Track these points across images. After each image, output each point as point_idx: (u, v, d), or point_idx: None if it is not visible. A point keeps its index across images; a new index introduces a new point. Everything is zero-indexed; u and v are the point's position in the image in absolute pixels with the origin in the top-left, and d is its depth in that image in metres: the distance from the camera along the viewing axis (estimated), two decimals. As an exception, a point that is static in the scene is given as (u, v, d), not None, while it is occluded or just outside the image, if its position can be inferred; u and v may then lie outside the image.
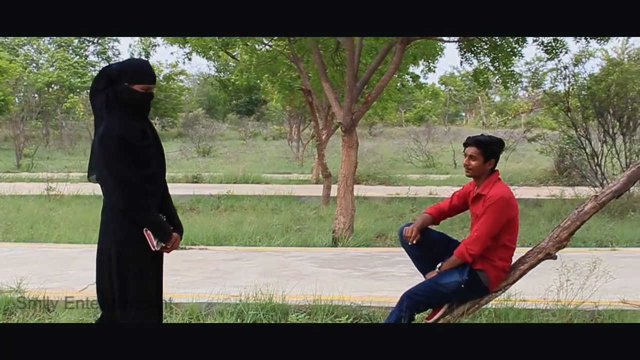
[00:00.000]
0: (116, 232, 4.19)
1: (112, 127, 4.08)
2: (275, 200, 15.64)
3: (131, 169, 4.08)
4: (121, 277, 4.18)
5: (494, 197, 5.11)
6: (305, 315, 6.17)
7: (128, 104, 4.16)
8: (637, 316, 6.19)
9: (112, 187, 4.08)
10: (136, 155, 4.13)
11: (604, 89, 14.94)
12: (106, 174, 4.10)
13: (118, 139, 4.04)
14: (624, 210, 13.58)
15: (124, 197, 4.07)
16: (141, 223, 4.16)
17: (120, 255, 4.16)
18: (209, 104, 63.90)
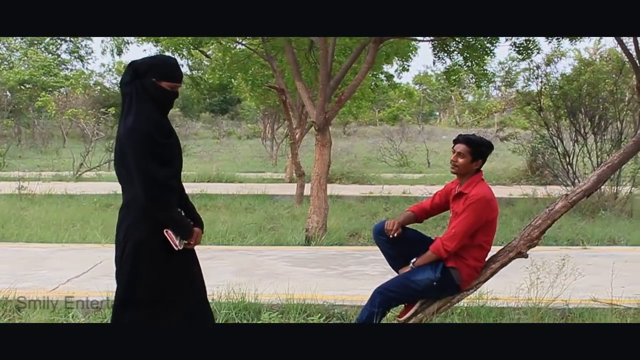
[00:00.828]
0: (135, 231, 4.13)
1: (140, 121, 4.04)
2: (248, 199, 15.62)
3: (157, 165, 4.02)
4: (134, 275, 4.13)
5: (475, 196, 5.13)
6: (277, 314, 6.15)
7: (154, 100, 4.14)
8: (607, 314, 6.23)
9: (137, 182, 4.00)
10: (162, 152, 4.08)
11: (576, 88, 15.04)
12: (131, 169, 4.02)
13: (146, 134, 4.00)
14: (595, 209, 13.68)
15: (148, 193, 3.99)
16: (163, 220, 4.10)
17: (137, 254, 4.10)
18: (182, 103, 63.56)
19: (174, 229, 4.11)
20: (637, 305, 6.63)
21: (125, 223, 4.18)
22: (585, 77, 15.01)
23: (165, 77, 4.15)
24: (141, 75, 4.13)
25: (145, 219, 4.08)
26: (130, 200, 4.14)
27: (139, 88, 4.11)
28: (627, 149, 5.71)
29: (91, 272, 8.19)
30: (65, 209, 13.80)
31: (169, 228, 4.10)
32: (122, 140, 4.08)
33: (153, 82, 4.11)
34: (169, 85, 4.17)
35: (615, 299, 6.74)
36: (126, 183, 4.16)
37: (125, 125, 4.07)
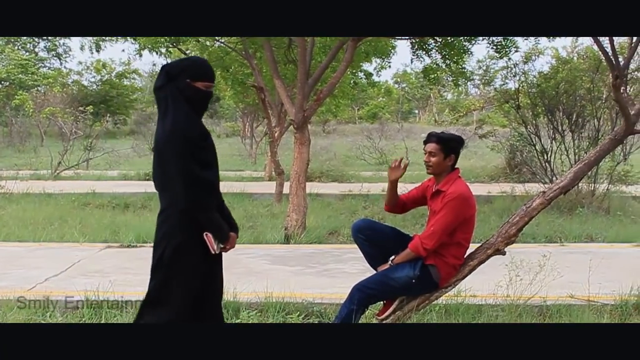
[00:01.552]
0: (174, 235, 4.13)
1: (179, 123, 4.04)
2: (227, 198, 15.20)
3: (197, 167, 4.02)
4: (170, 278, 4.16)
5: (453, 194, 5.15)
6: (256, 313, 6.15)
7: (190, 101, 4.13)
8: (584, 310, 6.27)
9: (177, 185, 3.99)
10: (201, 154, 4.09)
11: (553, 86, 15.10)
12: (170, 171, 4.02)
13: (186, 136, 4.01)
14: (572, 206, 13.76)
15: (188, 195, 3.99)
16: (203, 224, 4.10)
17: (175, 257, 4.12)
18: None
19: (212, 232, 4.12)
20: (613, 301, 6.67)
21: (163, 228, 4.19)
22: (563, 75, 15.07)
23: (198, 77, 4.16)
24: (174, 78, 4.13)
25: (184, 223, 4.09)
26: (169, 204, 4.15)
27: (173, 91, 4.11)
28: (603, 146, 5.74)
29: (69, 271, 8.15)
30: (43, 207, 13.73)
31: (207, 231, 4.11)
32: (161, 144, 4.07)
33: (187, 83, 4.12)
34: (203, 85, 4.18)
35: (592, 295, 6.79)
36: (164, 187, 4.17)
37: (164, 129, 4.07)
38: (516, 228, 5.44)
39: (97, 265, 8.57)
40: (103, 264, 8.66)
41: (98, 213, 13.38)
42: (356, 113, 66.54)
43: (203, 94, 4.20)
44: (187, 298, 4.22)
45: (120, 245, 9.91)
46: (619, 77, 5.36)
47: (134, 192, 16.21)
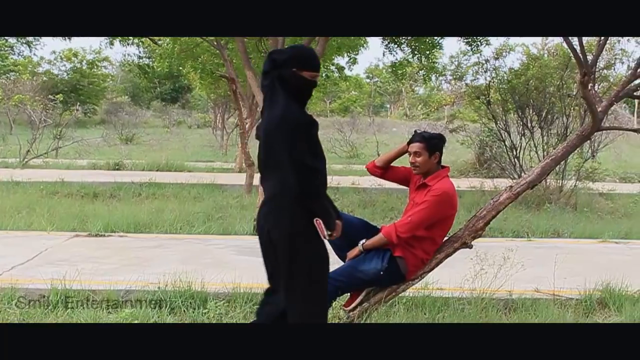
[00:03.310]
0: (287, 223, 4.10)
1: (290, 110, 4.03)
2: (197, 189, 15.54)
3: (309, 154, 4.00)
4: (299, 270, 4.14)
5: (438, 190, 5.18)
6: (224, 303, 6.15)
7: (295, 89, 4.12)
8: (549, 304, 6.32)
9: (290, 172, 3.96)
10: (311, 141, 4.07)
11: (524, 83, 15.20)
12: (281, 159, 3.99)
13: (298, 123, 4.01)
14: (540, 202, 13.86)
15: (302, 182, 3.97)
16: (314, 210, 4.08)
17: (292, 245, 4.10)
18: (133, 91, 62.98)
19: (323, 218, 4.10)
20: (578, 296, 6.74)
21: (271, 216, 4.16)
22: (533, 71, 15.16)
23: (305, 66, 4.15)
24: (280, 66, 4.12)
25: (296, 210, 4.07)
26: (277, 192, 4.12)
27: (279, 78, 4.10)
28: (570, 142, 5.80)
29: (36, 260, 8.09)
30: (11, 196, 13.61)
31: (318, 217, 4.09)
32: (270, 131, 4.06)
33: (294, 72, 4.11)
34: (309, 74, 4.17)
35: (557, 289, 6.86)
36: (272, 175, 4.15)
37: (273, 115, 4.06)
38: (483, 222, 5.48)
39: (65, 254, 8.51)
40: (70, 252, 8.61)
41: (66, 202, 13.28)
42: (328, 106, 66.52)
43: (308, 83, 4.19)
44: (318, 282, 4.25)
45: (88, 235, 9.86)
46: (587, 74, 5.42)
47: (103, 182, 16.13)
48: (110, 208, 12.30)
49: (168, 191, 15.17)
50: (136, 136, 34.74)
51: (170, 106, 54.56)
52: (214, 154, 28.62)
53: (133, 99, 58.67)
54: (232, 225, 10.95)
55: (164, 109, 53.37)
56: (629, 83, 5.87)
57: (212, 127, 37.83)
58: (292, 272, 4.14)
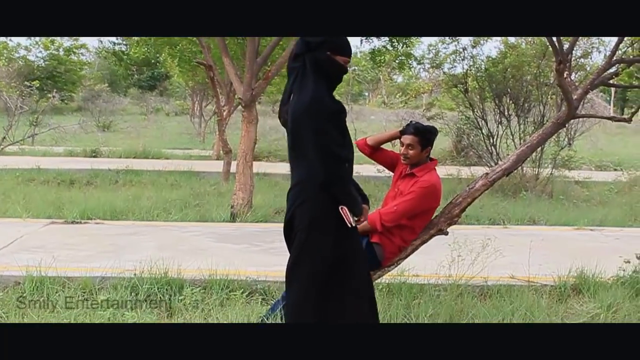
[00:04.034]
0: (309, 210, 4.10)
1: (319, 96, 4.01)
2: (175, 176, 15.51)
3: (336, 140, 3.99)
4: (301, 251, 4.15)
5: (426, 182, 5.18)
6: (200, 290, 6.14)
7: (327, 74, 4.10)
8: (524, 291, 6.36)
9: (316, 157, 3.96)
10: (339, 128, 4.06)
11: (501, 71, 15.26)
12: (308, 144, 3.98)
13: (327, 109, 3.99)
14: (517, 189, 13.94)
15: (328, 169, 3.96)
16: (340, 197, 4.07)
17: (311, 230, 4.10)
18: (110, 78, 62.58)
19: (348, 205, 4.09)
20: (553, 282, 6.79)
21: (298, 200, 4.16)
22: (510, 60, 15.22)
23: (339, 51, 4.14)
24: (314, 49, 4.09)
25: (321, 196, 4.06)
26: (303, 178, 4.13)
27: (312, 61, 4.08)
28: (546, 129, 5.83)
29: (11, 247, 8.05)
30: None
31: (343, 204, 4.08)
32: (298, 115, 4.05)
33: (328, 56, 4.10)
34: (342, 60, 4.16)
35: (532, 276, 6.91)
36: (298, 161, 4.16)
37: (302, 100, 4.04)
38: (459, 209, 5.49)
39: (40, 241, 8.47)
40: (46, 240, 8.57)
41: (43, 189, 13.23)
42: (306, 94, 66.41)
43: (341, 68, 4.19)
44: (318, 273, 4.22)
45: (64, 222, 9.81)
46: (563, 62, 5.43)
47: (79, 169, 16.07)
48: (87, 195, 12.25)
49: (145, 178, 15.14)
50: (113, 123, 34.54)
51: (148, 93, 54.22)
52: (192, 142, 28.54)
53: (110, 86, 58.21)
54: (209, 212, 10.94)
55: (142, 97, 52.99)
56: (604, 71, 5.91)
57: (190, 115, 37.67)
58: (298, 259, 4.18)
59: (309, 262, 4.17)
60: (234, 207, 10.74)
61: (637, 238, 9.76)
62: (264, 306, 5.76)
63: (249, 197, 10.85)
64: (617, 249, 8.44)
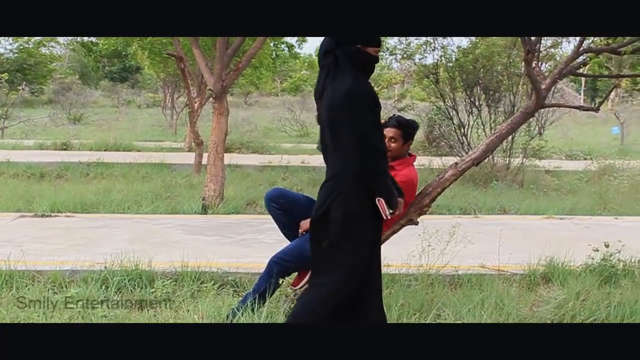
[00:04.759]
0: (349, 201, 4.07)
1: (354, 88, 4.00)
2: (146, 168, 15.42)
3: (373, 131, 3.99)
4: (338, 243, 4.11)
5: (405, 176, 5.20)
6: (171, 282, 6.12)
7: (359, 67, 4.09)
8: (494, 280, 6.40)
9: (353, 149, 3.95)
10: (375, 119, 4.05)
11: (472, 61, 15.31)
12: (347, 136, 3.96)
13: (364, 100, 3.98)
14: (487, 179, 14.01)
15: (365, 161, 3.95)
16: (376, 188, 4.06)
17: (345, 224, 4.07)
18: (81, 71, 62.10)
19: (385, 197, 4.08)
20: (522, 271, 6.85)
21: (333, 194, 4.13)
22: (481, 50, 15.27)
23: (369, 42, 4.13)
24: (344, 43, 4.09)
25: (357, 188, 4.04)
26: (339, 171, 4.09)
27: (343, 56, 4.08)
28: (514, 119, 5.86)
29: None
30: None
31: (380, 196, 4.07)
32: (335, 107, 4.03)
33: (358, 49, 4.09)
34: (373, 50, 4.15)
35: (502, 265, 6.97)
36: (334, 154, 4.12)
37: (338, 91, 4.02)
38: (429, 198, 5.51)
39: (10, 234, 8.43)
40: (15, 233, 8.52)
41: (12, 182, 13.12)
42: (279, 85, 66.37)
43: (373, 59, 4.19)
44: (357, 266, 4.22)
45: (34, 215, 9.76)
46: (531, 52, 5.46)
47: (50, 162, 15.92)
48: (57, 188, 12.17)
49: (116, 171, 15.04)
50: (84, 116, 34.25)
51: (120, 86, 53.85)
52: (164, 134, 28.38)
53: (81, 79, 57.81)
54: (181, 204, 10.91)
55: (113, 89, 52.62)
56: (572, 61, 5.94)
57: (162, 107, 37.37)
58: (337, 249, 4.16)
59: (350, 252, 4.17)
60: (205, 199, 10.71)
61: (606, 226, 9.86)
62: (235, 298, 5.76)
63: (220, 189, 10.83)
64: (587, 237, 8.51)
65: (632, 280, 6.43)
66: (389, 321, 4.90)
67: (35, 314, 5.28)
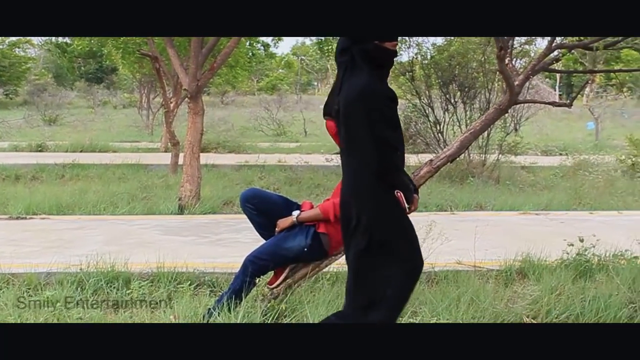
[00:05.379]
0: (371, 198, 4.02)
1: (371, 85, 3.93)
2: (122, 169, 15.37)
3: (390, 129, 3.94)
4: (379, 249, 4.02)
5: None
6: (147, 283, 6.11)
7: (377, 63, 4.04)
8: (470, 276, 6.42)
9: (370, 146, 3.88)
10: (392, 116, 4.01)
11: (447, 58, 15.37)
12: (363, 133, 3.90)
13: (381, 98, 3.93)
14: (464, 176, 14.08)
15: (382, 157, 3.90)
16: (395, 185, 4.00)
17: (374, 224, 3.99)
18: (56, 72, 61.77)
19: (403, 193, 4.03)
20: (498, 267, 6.89)
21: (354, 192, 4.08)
22: (456, 47, 15.33)
23: (386, 37, 4.04)
24: (360, 40, 4.02)
25: (376, 185, 3.98)
26: (357, 168, 4.05)
27: (360, 53, 4.01)
28: (488, 115, 5.90)
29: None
30: None
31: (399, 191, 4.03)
32: (351, 105, 3.97)
33: (376, 45, 4.01)
34: (391, 44, 4.08)
35: (478, 261, 7.00)
36: (352, 149, 4.07)
37: (354, 89, 3.97)
38: (404, 196, 5.52)
39: (-16, 237, 8.38)
40: (-10, 236, 8.48)
41: (-14, 185, 13.04)
42: (255, 85, 66.35)
43: (390, 54, 4.13)
44: (414, 250, 4.20)
45: (9, 217, 9.70)
46: (503, 48, 5.49)
47: (25, 164, 15.81)
48: (32, 190, 12.08)
49: (92, 172, 14.98)
50: (60, 117, 34.03)
51: (95, 86, 53.57)
52: (140, 134, 28.28)
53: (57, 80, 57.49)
54: (157, 205, 10.88)
55: (89, 90, 52.34)
56: (544, 57, 5.99)
57: (138, 107, 37.22)
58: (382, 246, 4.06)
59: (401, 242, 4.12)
60: (182, 199, 10.69)
61: (581, 221, 9.93)
62: (212, 298, 5.74)
63: (196, 189, 10.80)
64: (562, 232, 8.58)
65: (606, 275, 6.46)
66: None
67: (11, 316, 5.25)
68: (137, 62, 20.84)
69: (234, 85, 42.47)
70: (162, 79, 15.20)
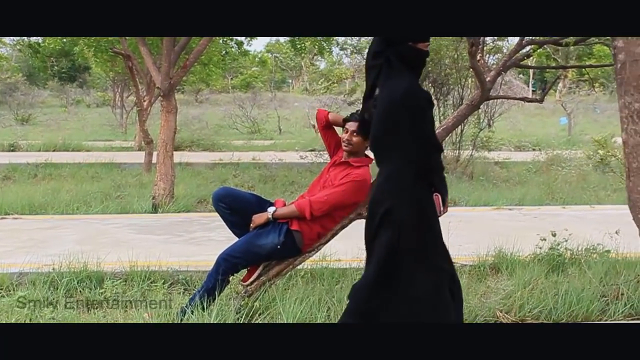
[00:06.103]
0: (411, 200, 3.98)
1: (411, 86, 3.94)
2: (95, 168, 15.31)
3: (430, 129, 3.97)
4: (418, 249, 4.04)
5: (359, 176, 5.18)
6: (120, 282, 6.08)
7: (411, 64, 4.03)
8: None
9: (415, 147, 3.90)
10: (430, 116, 4.03)
11: (420, 55, 15.39)
12: (406, 134, 3.90)
13: (422, 98, 3.93)
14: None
15: (427, 157, 3.94)
16: (436, 185, 4.04)
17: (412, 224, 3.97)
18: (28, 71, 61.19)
19: (442, 194, 4.07)
20: (472, 262, 6.92)
21: (393, 191, 4.03)
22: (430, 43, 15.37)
23: (419, 38, 4.03)
24: (394, 43, 4.01)
25: (417, 184, 3.98)
26: (397, 168, 4.01)
27: (396, 56, 4.00)
28: (460, 111, 5.92)
29: None
30: None
31: (438, 192, 4.06)
32: (393, 106, 3.97)
33: (410, 47, 4.00)
34: (423, 45, 4.07)
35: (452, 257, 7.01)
36: (389, 153, 4.05)
37: (395, 92, 3.96)
38: (378, 192, 5.53)
39: (-45, 238, 8.31)
40: (-39, 236, 8.41)
41: (-43, 185, 12.94)
42: (230, 82, 66.13)
43: (424, 54, 4.12)
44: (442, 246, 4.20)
45: (-19, 218, 9.64)
46: (475, 44, 5.52)
47: (-4, 164, 15.74)
48: (4, 190, 12.02)
49: (65, 171, 14.90)
50: (32, 116, 33.83)
51: (68, 85, 53.14)
52: (114, 133, 28.15)
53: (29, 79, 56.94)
54: (131, 204, 10.84)
55: (62, 88, 51.92)
56: (515, 53, 6.03)
57: (112, 106, 36.99)
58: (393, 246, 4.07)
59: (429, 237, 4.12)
60: (155, 197, 10.65)
61: (554, 215, 10.02)
62: (186, 296, 5.73)
63: (170, 188, 10.77)
64: (535, 227, 8.63)
65: (579, 269, 6.51)
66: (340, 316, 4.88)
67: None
68: (110, 61, 20.71)
69: (207, 83, 42.27)
70: (135, 77, 15.13)
